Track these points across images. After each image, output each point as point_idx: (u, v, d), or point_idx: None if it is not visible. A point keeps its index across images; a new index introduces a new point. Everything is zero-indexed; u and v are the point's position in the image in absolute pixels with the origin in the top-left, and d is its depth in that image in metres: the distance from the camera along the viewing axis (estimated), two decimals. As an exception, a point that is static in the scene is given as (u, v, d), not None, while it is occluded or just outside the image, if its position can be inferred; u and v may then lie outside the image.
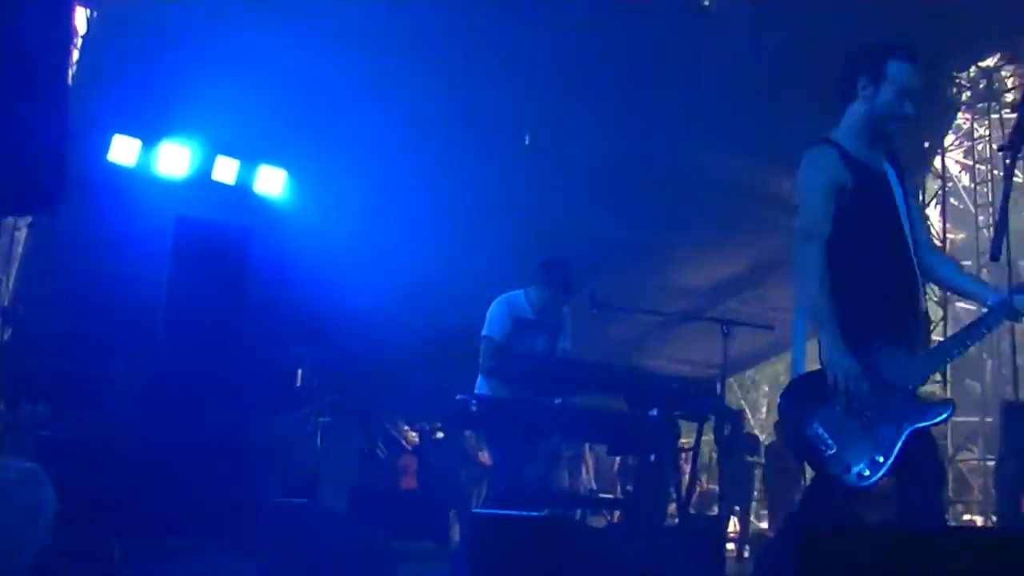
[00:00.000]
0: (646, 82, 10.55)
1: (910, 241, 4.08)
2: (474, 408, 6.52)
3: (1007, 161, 3.60)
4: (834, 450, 3.86)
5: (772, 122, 10.70)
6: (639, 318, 12.49)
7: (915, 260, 4.08)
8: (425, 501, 11.29)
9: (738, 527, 14.09)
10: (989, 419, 13.77)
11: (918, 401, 3.90)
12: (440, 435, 13.04)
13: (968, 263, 13.49)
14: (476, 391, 6.81)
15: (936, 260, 4.25)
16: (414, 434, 13.47)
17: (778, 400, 4.06)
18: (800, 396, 4.03)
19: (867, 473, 3.81)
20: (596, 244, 11.28)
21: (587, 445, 13.08)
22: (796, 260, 4.07)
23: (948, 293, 10.93)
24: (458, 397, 6.72)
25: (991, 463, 12.69)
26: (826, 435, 3.89)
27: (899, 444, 3.81)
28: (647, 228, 12.21)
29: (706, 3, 10.77)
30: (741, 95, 10.52)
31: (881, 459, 3.81)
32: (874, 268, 4.04)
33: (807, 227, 4.09)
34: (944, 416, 3.91)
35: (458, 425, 7.83)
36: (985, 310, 3.94)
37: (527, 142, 11.33)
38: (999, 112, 13.03)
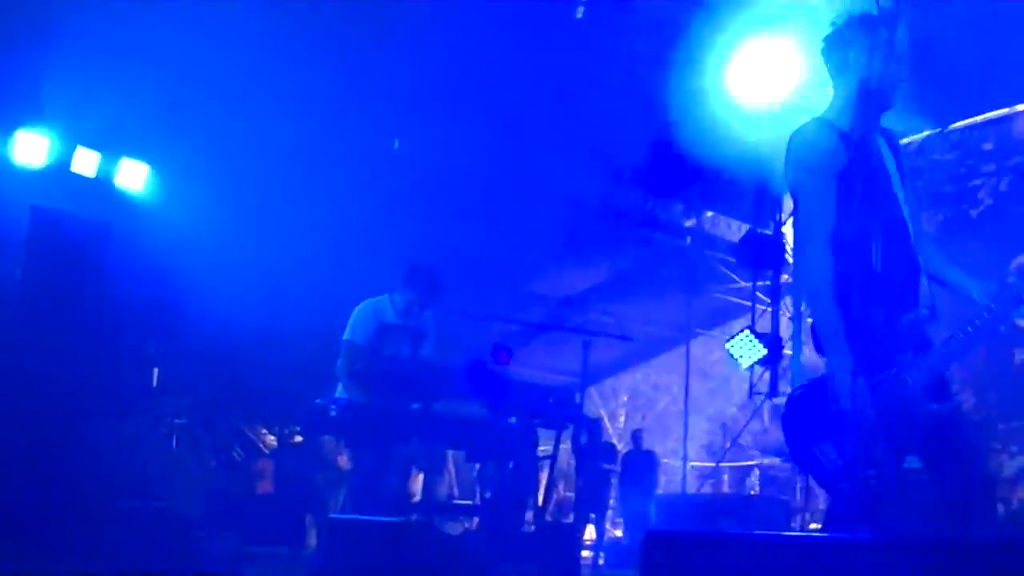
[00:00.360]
0: (513, 94, 10.61)
1: (910, 228, 3.82)
2: (333, 412, 6.49)
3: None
4: (840, 463, 3.66)
5: (633, 140, 10.89)
6: (501, 326, 12.55)
7: (914, 248, 3.82)
8: (281, 505, 11.15)
9: (594, 534, 14.25)
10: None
11: (921, 408, 3.68)
12: (298, 439, 12.89)
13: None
14: (337, 395, 6.78)
15: (930, 250, 3.92)
16: (272, 437, 13.31)
17: (781, 415, 3.83)
18: (803, 411, 3.82)
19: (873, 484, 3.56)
20: (460, 251, 11.31)
21: (449, 451, 13.10)
22: (800, 265, 3.70)
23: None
24: (317, 401, 6.68)
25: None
26: (832, 450, 3.69)
27: (902, 451, 3.67)
28: (509, 238, 12.27)
29: (577, 15, 10.87)
30: (605, 112, 10.66)
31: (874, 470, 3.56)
32: (876, 264, 3.67)
33: (810, 225, 3.73)
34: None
35: (317, 429, 7.76)
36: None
37: (396, 146, 11.31)
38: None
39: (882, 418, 3.61)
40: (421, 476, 8.91)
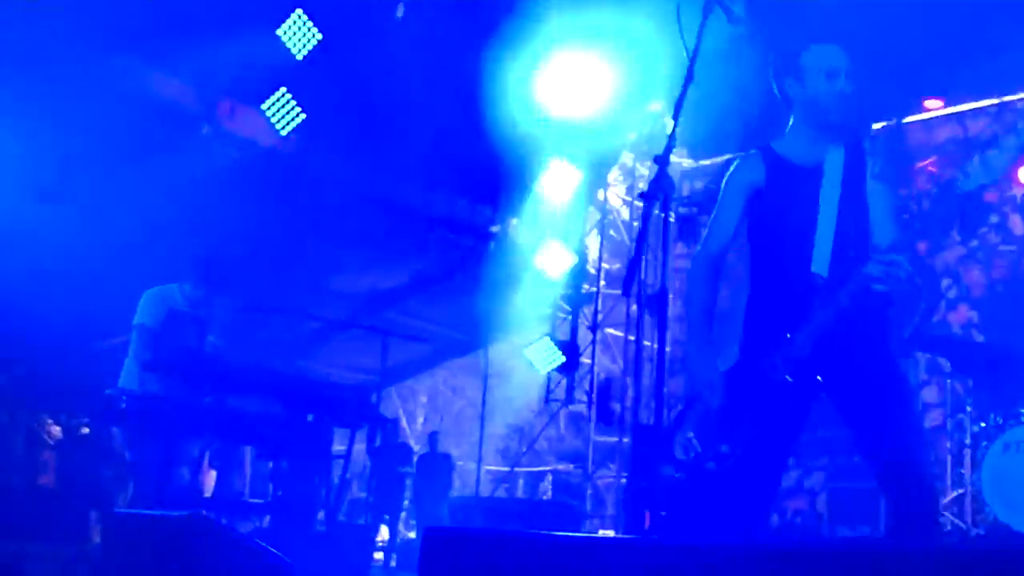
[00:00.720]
0: (325, 89, 10.53)
1: (827, 237, 3.91)
2: (124, 404, 6.35)
3: (648, 208, 3.79)
4: (699, 451, 3.91)
5: (435, 143, 10.94)
6: (301, 322, 12.44)
7: (831, 254, 3.89)
8: (64, 500, 10.78)
9: (387, 535, 14.25)
10: (627, 439, 14.55)
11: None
12: (86, 430, 12.48)
13: (618, 291, 14.21)
14: (122, 383, 6.63)
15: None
16: (57, 428, 12.84)
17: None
18: (684, 408, 4.07)
19: (712, 466, 3.84)
20: (260, 243, 11.16)
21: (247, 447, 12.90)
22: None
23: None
24: (107, 391, 6.52)
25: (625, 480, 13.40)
26: (695, 439, 3.93)
27: (746, 437, 3.83)
28: (311, 233, 12.17)
29: (399, 14, 10.86)
30: (418, 112, 10.69)
31: (726, 449, 3.84)
32: (769, 270, 4.05)
33: (702, 241, 4.15)
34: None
35: (106, 420, 7.57)
36: None
37: (205, 131, 11.09)
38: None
39: (741, 409, 3.86)
40: (214, 472, 8.78)
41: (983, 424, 7.11)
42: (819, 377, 3.83)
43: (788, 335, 3.85)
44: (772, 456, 3.93)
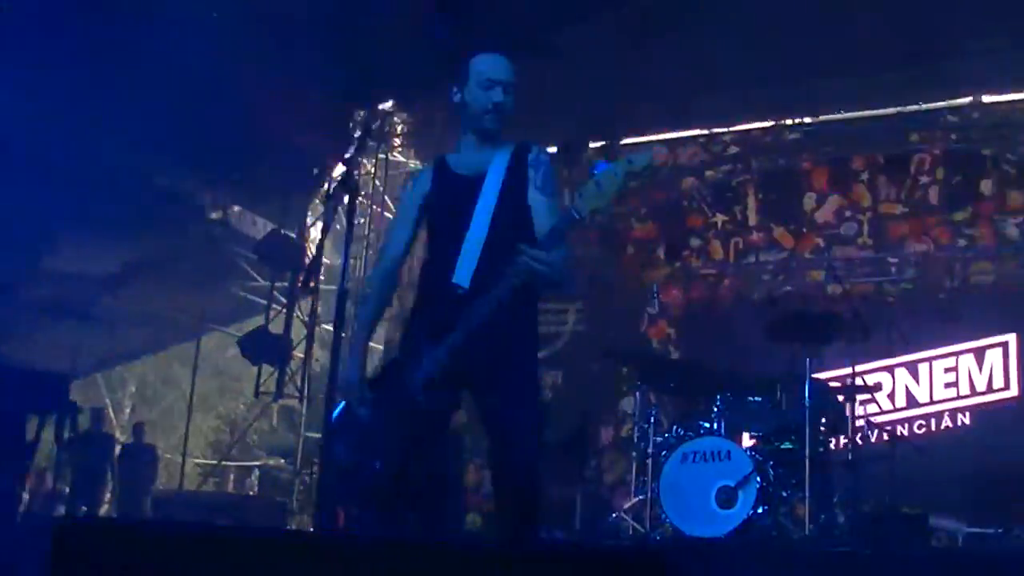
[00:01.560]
0: (50, 52, 10.03)
1: (475, 247, 3.96)
2: None
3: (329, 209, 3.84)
4: (350, 460, 3.91)
5: (160, 118, 10.63)
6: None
7: (479, 265, 3.93)
8: None
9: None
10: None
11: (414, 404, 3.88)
12: None
13: (333, 287, 14.17)
14: None
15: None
16: None
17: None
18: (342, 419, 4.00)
19: (366, 483, 3.86)
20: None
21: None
22: None
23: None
24: None
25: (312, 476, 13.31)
26: (345, 447, 3.93)
27: (399, 447, 3.86)
28: (22, 207, 11.56)
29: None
30: (135, 84, 10.33)
31: (378, 465, 3.85)
32: (423, 280, 4.12)
33: (383, 244, 4.24)
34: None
35: None
36: None
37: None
38: (386, 153, 13.89)
39: (385, 418, 3.90)
40: None
41: (666, 435, 7.49)
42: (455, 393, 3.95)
43: (422, 351, 3.92)
44: (409, 466, 3.97)
